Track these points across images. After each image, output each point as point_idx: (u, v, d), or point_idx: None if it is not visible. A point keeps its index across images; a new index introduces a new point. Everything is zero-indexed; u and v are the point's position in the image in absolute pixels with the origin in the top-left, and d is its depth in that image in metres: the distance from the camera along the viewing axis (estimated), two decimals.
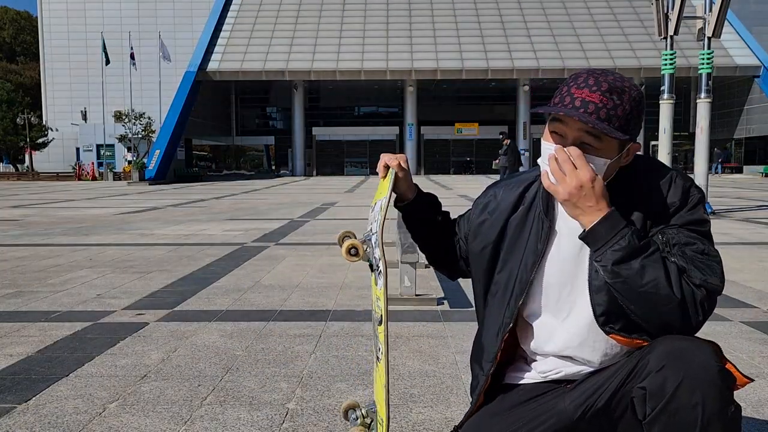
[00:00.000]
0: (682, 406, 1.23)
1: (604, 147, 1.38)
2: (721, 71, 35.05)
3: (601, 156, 1.38)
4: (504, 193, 1.61)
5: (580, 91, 1.37)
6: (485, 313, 1.61)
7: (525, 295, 1.50)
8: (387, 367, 1.48)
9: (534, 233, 1.51)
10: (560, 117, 1.39)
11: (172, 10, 54.09)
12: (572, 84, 1.40)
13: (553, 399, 1.49)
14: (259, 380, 2.83)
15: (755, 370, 2.91)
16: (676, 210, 1.41)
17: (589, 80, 1.38)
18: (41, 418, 2.41)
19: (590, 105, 1.34)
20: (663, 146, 11.68)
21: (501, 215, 1.58)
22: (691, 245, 1.37)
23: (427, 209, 1.69)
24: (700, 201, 1.43)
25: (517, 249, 1.54)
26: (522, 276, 1.51)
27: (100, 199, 17.63)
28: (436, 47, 40.09)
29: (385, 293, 1.48)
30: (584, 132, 1.37)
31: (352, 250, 1.51)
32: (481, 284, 1.62)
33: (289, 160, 45.76)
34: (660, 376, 1.26)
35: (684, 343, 1.29)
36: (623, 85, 1.38)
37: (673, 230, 1.39)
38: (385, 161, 1.61)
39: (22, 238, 8.29)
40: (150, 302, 4.43)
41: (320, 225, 10.05)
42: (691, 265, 1.34)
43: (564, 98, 1.38)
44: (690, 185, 1.43)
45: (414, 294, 4.36)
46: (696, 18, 12.06)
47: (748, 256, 6.49)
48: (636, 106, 1.39)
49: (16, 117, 44.57)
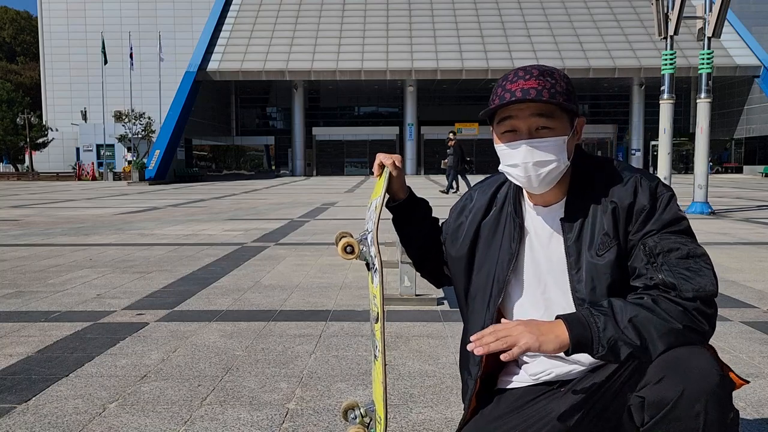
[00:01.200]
0: (683, 416, 1.22)
1: (558, 126, 1.41)
2: (721, 71, 35.07)
3: (558, 135, 1.41)
4: (478, 195, 1.64)
5: (515, 84, 1.40)
6: (468, 317, 1.62)
7: (503, 295, 1.52)
8: (384, 365, 1.48)
9: (507, 233, 1.53)
10: (509, 113, 1.41)
11: (172, 10, 54.08)
12: (503, 83, 1.43)
13: (548, 404, 1.49)
14: (259, 380, 2.83)
15: (755, 370, 2.91)
16: (648, 214, 1.40)
17: (519, 73, 1.42)
18: (41, 418, 2.41)
19: (531, 90, 1.38)
20: (663, 146, 11.69)
21: (475, 218, 1.60)
22: (675, 251, 1.35)
23: (418, 212, 1.69)
24: (671, 199, 1.42)
25: (492, 250, 1.56)
26: (499, 276, 1.52)
27: (100, 199, 17.62)
28: (436, 47, 40.09)
29: (381, 291, 1.50)
30: (537, 116, 1.40)
31: (348, 248, 1.54)
32: (461, 287, 1.63)
33: (289, 160, 45.76)
34: (660, 387, 1.25)
35: (683, 352, 1.27)
36: (550, 68, 1.44)
37: (654, 238, 1.37)
38: (380, 160, 1.62)
39: (22, 238, 8.29)
40: (150, 302, 4.43)
41: (320, 225, 10.05)
42: (679, 277, 1.32)
43: (503, 96, 1.41)
44: (656, 185, 1.43)
45: (414, 294, 4.36)
46: (696, 18, 12.07)
47: (748, 256, 6.49)
48: (568, 82, 1.44)
49: (16, 117, 44.55)
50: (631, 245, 1.40)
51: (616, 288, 1.41)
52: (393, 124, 45.89)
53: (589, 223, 1.44)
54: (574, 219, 1.45)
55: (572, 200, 1.47)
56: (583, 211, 1.45)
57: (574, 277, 1.44)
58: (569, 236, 1.45)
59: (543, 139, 1.40)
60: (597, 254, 1.42)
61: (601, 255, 1.41)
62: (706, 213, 11.50)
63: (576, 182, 1.48)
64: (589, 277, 1.42)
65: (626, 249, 1.41)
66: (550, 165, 1.41)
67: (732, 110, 40.70)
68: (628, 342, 1.27)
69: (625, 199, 1.41)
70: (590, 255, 1.43)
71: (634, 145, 42.75)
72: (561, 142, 1.41)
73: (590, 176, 1.48)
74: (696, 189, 11.73)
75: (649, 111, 40.65)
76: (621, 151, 44.65)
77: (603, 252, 1.41)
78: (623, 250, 1.41)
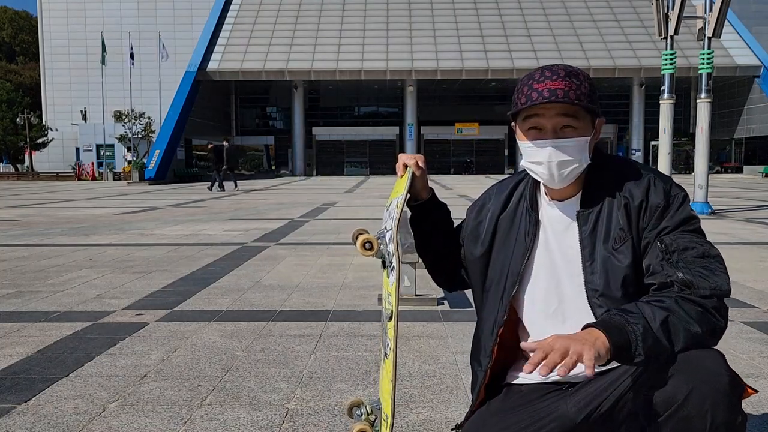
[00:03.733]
0: (692, 415, 1.22)
1: (581, 126, 1.45)
2: (721, 71, 35.06)
3: (581, 135, 1.45)
4: (496, 193, 1.68)
5: (542, 84, 1.42)
6: (482, 310, 1.65)
7: (517, 288, 1.54)
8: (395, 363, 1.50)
9: (522, 227, 1.57)
10: (536, 111, 1.44)
11: (172, 10, 54.06)
12: (530, 82, 1.45)
13: (556, 402, 1.49)
14: (259, 380, 2.82)
15: (755, 370, 2.91)
16: (662, 212, 1.42)
17: (546, 73, 1.44)
18: (41, 418, 2.40)
19: (559, 91, 1.40)
20: (663, 146, 11.69)
21: (494, 215, 1.64)
22: (691, 249, 1.38)
23: (438, 214, 1.71)
24: (684, 199, 1.45)
25: (507, 244, 1.59)
26: (513, 269, 1.55)
27: (99, 199, 17.62)
28: (436, 47, 40.09)
29: (397, 289, 1.52)
30: (562, 115, 1.43)
31: (367, 244, 1.56)
32: (478, 283, 1.66)
33: (289, 160, 45.73)
34: (669, 385, 1.26)
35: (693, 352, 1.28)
36: (575, 69, 1.47)
37: (670, 236, 1.40)
38: (403, 161, 1.64)
39: (22, 238, 8.29)
40: (150, 302, 4.43)
41: (320, 225, 10.05)
42: (696, 275, 1.35)
43: (530, 95, 1.43)
44: (670, 186, 1.46)
45: (414, 294, 4.36)
46: (696, 18, 12.08)
47: (748, 256, 6.49)
48: (592, 83, 1.47)
49: (15, 117, 44.52)
50: (646, 242, 1.43)
51: (630, 282, 1.43)
52: (393, 124, 45.88)
53: (604, 218, 1.47)
54: (589, 212, 1.49)
55: (588, 194, 1.51)
56: (598, 205, 1.49)
57: (588, 269, 1.46)
58: (584, 228, 1.48)
59: (568, 139, 1.44)
60: (613, 248, 1.45)
61: (616, 249, 1.44)
62: (706, 213, 11.50)
63: (592, 178, 1.51)
64: (604, 269, 1.44)
65: (639, 245, 1.44)
66: (572, 165, 1.45)
67: (732, 110, 40.69)
68: (662, 348, 1.28)
69: (638, 197, 1.45)
70: (605, 248, 1.45)
71: (635, 145, 42.74)
72: (584, 143, 1.45)
73: (606, 173, 1.51)
74: (696, 189, 11.73)
75: (649, 111, 40.62)
76: (621, 151, 44.63)
77: (619, 246, 1.44)
78: (637, 245, 1.44)
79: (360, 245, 1.56)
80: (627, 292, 1.42)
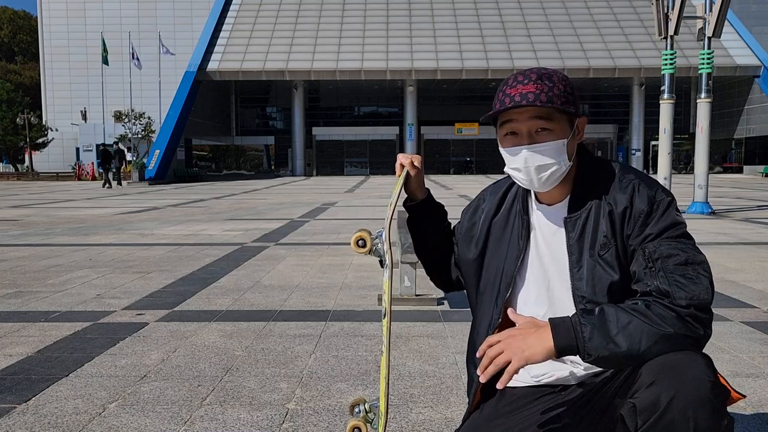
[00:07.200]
0: (675, 420, 1.22)
1: (556, 128, 1.44)
2: (721, 71, 35.05)
3: (558, 138, 1.44)
4: (490, 195, 1.69)
5: (514, 89, 1.44)
6: (476, 312, 1.66)
7: (510, 290, 1.55)
8: (388, 361, 1.52)
9: (515, 230, 1.58)
10: (510, 117, 1.45)
11: (172, 10, 54.07)
12: (504, 88, 1.47)
13: (546, 406, 1.50)
14: (259, 380, 2.82)
15: (755, 370, 2.91)
16: (646, 219, 1.40)
17: (518, 77, 1.46)
18: (41, 418, 2.40)
19: (529, 95, 1.41)
20: (663, 146, 11.69)
21: (487, 217, 1.65)
22: (674, 257, 1.35)
23: (434, 214, 1.72)
24: (669, 204, 1.42)
25: (501, 246, 1.60)
26: (507, 271, 1.56)
27: (99, 199, 17.62)
28: (436, 47, 40.08)
29: (390, 287, 1.53)
30: (536, 118, 1.43)
31: (360, 241, 1.58)
32: (473, 286, 1.67)
33: (289, 160, 45.73)
34: (652, 391, 1.25)
35: (676, 357, 1.27)
36: (549, 71, 1.47)
37: (653, 243, 1.38)
38: (400, 161, 1.65)
39: (22, 238, 8.29)
40: (150, 302, 4.43)
41: (320, 225, 10.05)
42: (674, 284, 1.32)
43: (503, 101, 1.45)
44: (655, 191, 1.43)
45: (414, 294, 4.36)
46: (696, 18, 12.07)
47: (748, 256, 6.49)
48: (568, 83, 1.46)
49: (15, 117, 44.52)
50: (632, 249, 1.42)
51: (617, 288, 1.42)
52: (393, 124, 45.87)
53: (591, 224, 1.47)
54: (576, 218, 1.48)
55: (575, 200, 1.50)
56: (585, 211, 1.48)
57: (575, 275, 1.46)
58: (571, 235, 1.48)
59: (542, 144, 1.43)
60: (599, 254, 1.44)
61: (602, 256, 1.44)
62: (706, 213, 11.50)
63: (579, 182, 1.51)
64: (590, 275, 1.44)
65: (625, 252, 1.43)
66: (551, 168, 1.45)
67: (732, 110, 40.69)
68: (616, 351, 1.27)
69: (622, 203, 1.43)
70: (591, 254, 1.45)
71: (634, 145, 42.75)
72: (560, 145, 1.44)
73: (593, 176, 1.51)
74: (696, 189, 11.73)
75: (649, 111, 40.62)
76: (621, 151, 44.66)
77: (604, 253, 1.44)
78: (622, 252, 1.43)
79: (353, 242, 1.59)
80: (614, 299, 1.40)
